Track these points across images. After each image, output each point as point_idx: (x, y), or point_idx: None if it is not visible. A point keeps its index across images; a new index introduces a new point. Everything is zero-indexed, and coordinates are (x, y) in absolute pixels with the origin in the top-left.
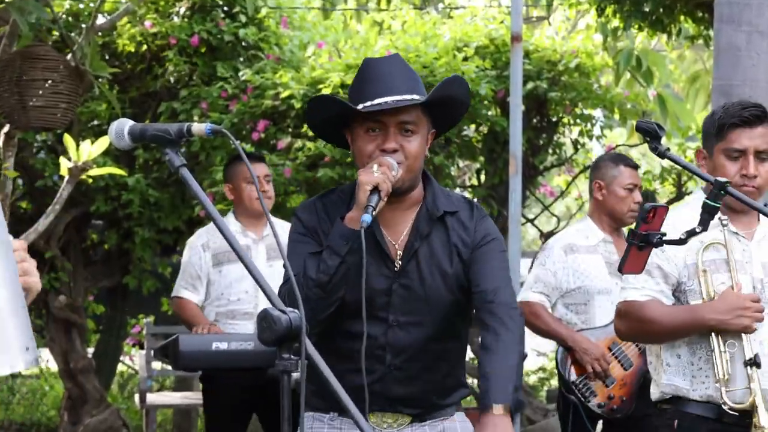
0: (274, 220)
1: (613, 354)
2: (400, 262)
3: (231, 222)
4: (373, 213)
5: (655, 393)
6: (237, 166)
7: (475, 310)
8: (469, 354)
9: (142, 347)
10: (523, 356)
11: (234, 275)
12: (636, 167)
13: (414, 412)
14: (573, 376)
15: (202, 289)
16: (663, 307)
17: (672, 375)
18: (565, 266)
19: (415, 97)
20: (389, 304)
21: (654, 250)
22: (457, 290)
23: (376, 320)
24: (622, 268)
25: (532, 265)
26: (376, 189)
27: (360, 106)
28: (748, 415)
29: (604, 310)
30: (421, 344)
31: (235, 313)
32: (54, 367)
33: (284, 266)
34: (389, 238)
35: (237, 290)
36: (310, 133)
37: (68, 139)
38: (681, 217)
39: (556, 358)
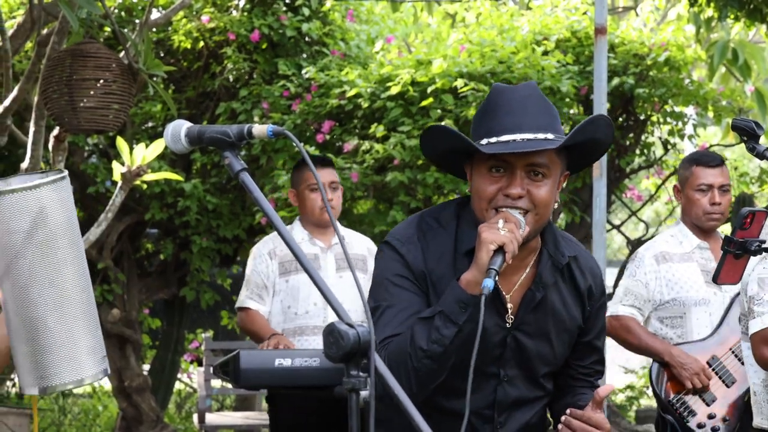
0: (343, 230)
1: (713, 369)
2: (513, 316)
3: (297, 230)
4: (496, 278)
5: (762, 422)
6: (301, 172)
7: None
8: None
9: (200, 364)
10: None
11: (302, 286)
12: (716, 165)
13: None
14: (670, 395)
15: (268, 300)
16: None
17: None
18: (657, 276)
19: (549, 137)
20: (502, 358)
21: None
22: (569, 345)
23: (485, 376)
24: (717, 278)
25: (618, 276)
26: (500, 249)
27: (484, 142)
28: None
29: (701, 322)
30: (526, 400)
31: (303, 328)
32: (107, 385)
33: (366, 306)
34: (500, 286)
35: (305, 302)
36: (378, 135)
37: (121, 143)
38: None
39: (650, 375)
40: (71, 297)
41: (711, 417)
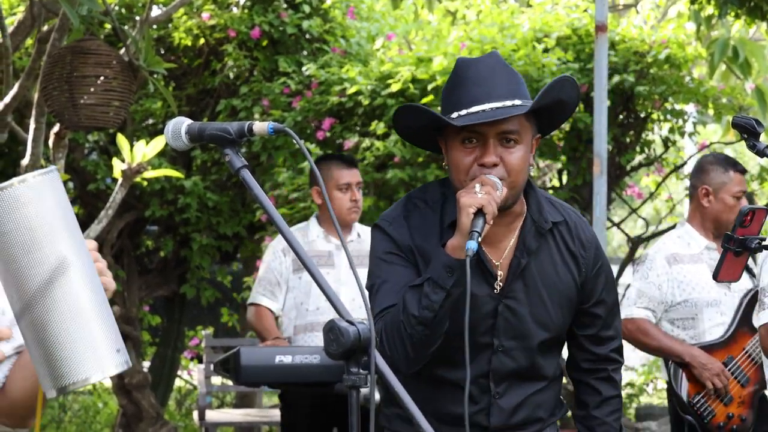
0: (360, 227)
1: (729, 369)
2: (501, 283)
3: (313, 226)
4: (479, 239)
5: None
6: (329, 169)
7: (572, 355)
8: None
9: (200, 361)
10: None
11: (314, 282)
12: (745, 172)
13: None
14: (690, 395)
15: (281, 297)
16: None
17: None
18: (669, 278)
19: (517, 102)
20: (494, 328)
21: None
22: (567, 311)
23: (480, 346)
24: (717, 276)
25: (618, 274)
26: (480, 212)
27: (454, 115)
28: None
29: (713, 322)
30: (526, 370)
31: (314, 325)
32: (107, 382)
33: (366, 303)
34: (490, 256)
35: (316, 299)
36: (379, 132)
37: (121, 140)
38: None
39: (668, 376)
40: (73, 292)
41: (729, 417)
